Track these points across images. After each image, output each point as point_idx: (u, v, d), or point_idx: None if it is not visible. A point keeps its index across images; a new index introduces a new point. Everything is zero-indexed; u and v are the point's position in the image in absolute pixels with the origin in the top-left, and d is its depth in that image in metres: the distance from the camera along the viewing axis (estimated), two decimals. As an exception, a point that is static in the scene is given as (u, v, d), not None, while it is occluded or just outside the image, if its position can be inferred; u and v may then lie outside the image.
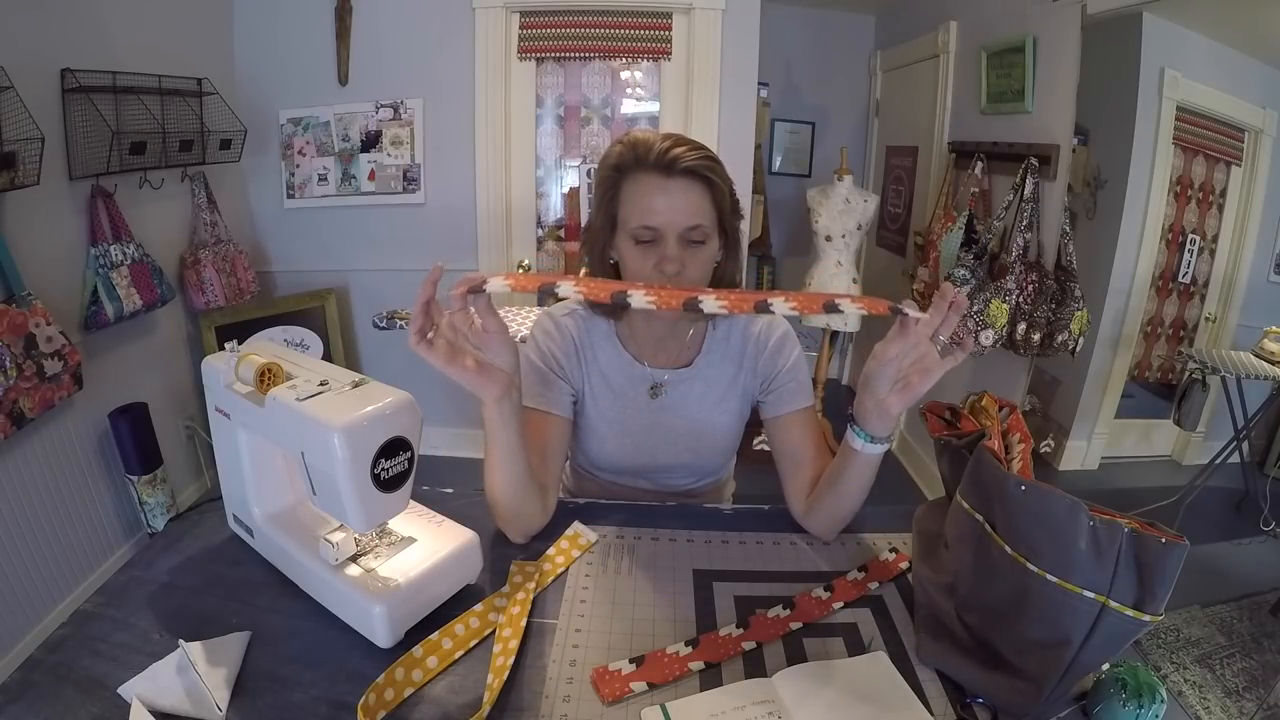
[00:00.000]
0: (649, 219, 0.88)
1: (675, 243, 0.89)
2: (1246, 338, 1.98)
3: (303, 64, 2.57)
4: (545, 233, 2.87)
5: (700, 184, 0.89)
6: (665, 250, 0.89)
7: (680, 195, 0.88)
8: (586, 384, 1.06)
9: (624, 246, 0.92)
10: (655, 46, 2.58)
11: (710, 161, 0.89)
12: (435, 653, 0.72)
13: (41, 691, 0.67)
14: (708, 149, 0.90)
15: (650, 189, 0.88)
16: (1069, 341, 1.99)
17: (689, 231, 0.89)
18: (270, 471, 0.87)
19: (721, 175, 0.91)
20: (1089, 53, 1.96)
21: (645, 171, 0.88)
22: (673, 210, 0.88)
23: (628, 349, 1.05)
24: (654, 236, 0.89)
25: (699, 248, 0.91)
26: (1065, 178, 2.04)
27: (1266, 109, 1.87)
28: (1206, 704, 1.61)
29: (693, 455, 1.08)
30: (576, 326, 1.05)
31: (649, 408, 1.05)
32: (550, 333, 1.05)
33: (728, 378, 1.06)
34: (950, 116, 2.77)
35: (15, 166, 1.59)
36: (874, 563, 0.91)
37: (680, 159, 0.87)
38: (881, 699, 0.68)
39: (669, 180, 0.87)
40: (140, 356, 2.21)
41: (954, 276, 2.21)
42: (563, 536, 0.93)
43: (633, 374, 1.05)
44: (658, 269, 0.89)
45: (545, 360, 1.03)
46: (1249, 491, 2.04)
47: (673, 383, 1.05)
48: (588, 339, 1.06)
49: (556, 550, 0.91)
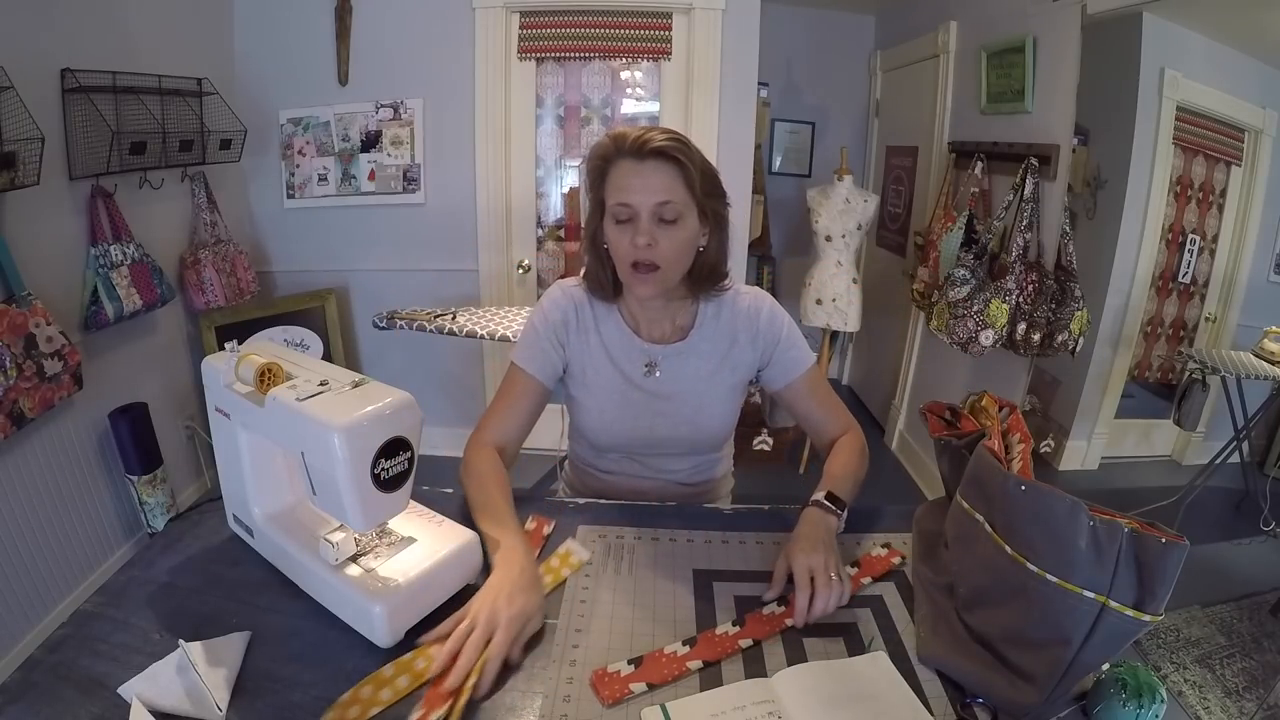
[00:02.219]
0: (624, 196, 0.97)
1: (648, 219, 0.96)
2: (1246, 338, 1.98)
3: (303, 64, 2.57)
4: (545, 233, 2.87)
5: (670, 164, 0.96)
6: (639, 226, 0.96)
7: (652, 175, 0.96)
8: (587, 352, 1.10)
9: (608, 228, 1.00)
10: (655, 46, 2.58)
11: (678, 143, 0.97)
12: (407, 672, 0.70)
13: (41, 691, 0.67)
14: (679, 134, 0.98)
15: (627, 171, 0.97)
16: (1069, 341, 1.99)
17: (660, 208, 0.96)
18: (270, 471, 0.87)
19: (689, 155, 0.98)
20: (1089, 53, 1.95)
21: (624, 157, 0.97)
22: (645, 188, 0.96)
23: (627, 323, 1.11)
24: (630, 215, 0.97)
25: (672, 227, 0.97)
26: (1065, 178, 2.04)
27: (1266, 109, 1.87)
28: (1206, 704, 1.61)
29: (690, 428, 1.11)
30: (584, 296, 1.12)
31: (645, 382, 1.10)
32: (559, 302, 1.11)
33: (720, 353, 1.10)
34: (950, 116, 2.77)
35: (15, 166, 1.59)
36: (865, 559, 0.91)
37: (650, 142, 0.95)
38: (881, 699, 0.68)
39: (642, 163, 0.96)
40: (140, 356, 2.21)
41: (954, 276, 2.21)
42: (554, 554, 0.89)
43: (630, 347, 1.10)
44: (632, 244, 0.96)
45: (549, 327, 1.09)
46: (1249, 491, 2.04)
47: (667, 357, 1.10)
48: (593, 311, 1.11)
49: (545, 569, 0.87)
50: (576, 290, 1.12)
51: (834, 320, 2.83)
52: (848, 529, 0.97)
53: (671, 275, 1.00)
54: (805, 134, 3.75)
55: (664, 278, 0.99)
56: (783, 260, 3.84)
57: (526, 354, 1.09)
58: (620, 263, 1.00)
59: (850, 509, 0.97)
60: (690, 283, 1.06)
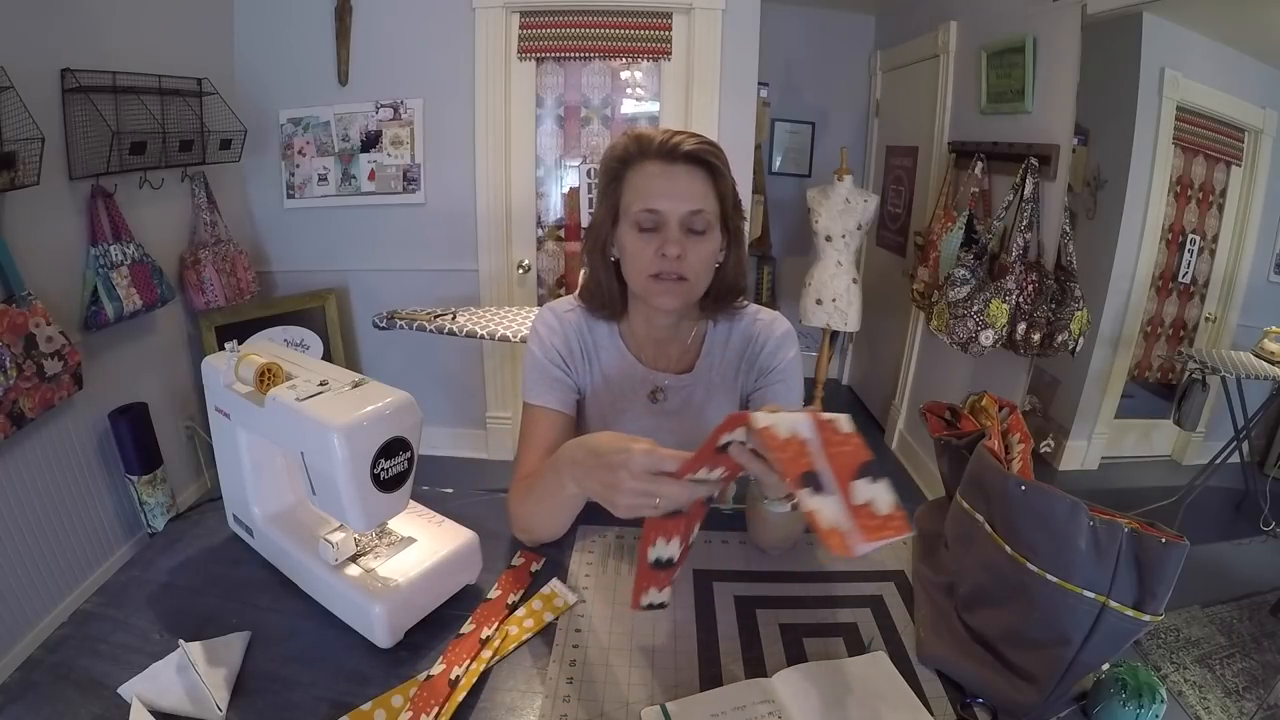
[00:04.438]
0: (652, 202, 0.89)
1: (677, 227, 0.89)
2: (1246, 338, 1.98)
3: (303, 64, 2.58)
4: (545, 233, 2.87)
5: (703, 170, 0.90)
6: (667, 234, 0.89)
7: (683, 180, 0.89)
8: (589, 380, 1.05)
9: (626, 236, 0.93)
10: (655, 46, 2.58)
11: (713, 148, 0.91)
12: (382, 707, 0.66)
13: (41, 691, 0.67)
14: (711, 139, 0.92)
15: (654, 175, 0.89)
16: (1069, 341, 1.99)
17: (691, 217, 0.89)
18: (270, 471, 0.87)
19: (725, 162, 0.92)
20: (1089, 53, 1.95)
21: (649, 159, 0.90)
22: (675, 194, 0.89)
23: (629, 349, 1.05)
24: (656, 222, 0.90)
25: (700, 238, 0.91)
26: (1065, 178, 2.04)
27: (1266, 109, 1.87)
28: (1206, 704, 1.61)
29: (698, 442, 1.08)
30: (579, 322, 1.05)
31: (649, 411, 1.04)
32: (554, 327, 1.04)
33: (728, 381, 1.05)
34: (950, 116, 2.77)
35: (15, 166, 1.59)
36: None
37: (682, 144, 0.89)
38: (881, 699, 0.68)
39: (672, 166, 0.89)
40: (140, 356, 2.21)
41: (954, 276, 2.21)
42: (537, 595, 0.82)
43: (633, 375, 1.04)
44: (659, 254, 0.89)
45: (549, 355, 1.02)
46: (1249, 491, 2.04)
47: (674, 389, 1.04)
48: (590, 336, 1.05)
49: (527, 611, 0.79)
50: (568, 315, 1.05)
51: (834, 320, 2.83)
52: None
53: (696, 289, 0.94)
54: (805, 134, 3.75)
55: (690, 290, 0.93)
56: (783, 260, 3.84)
57: (537, 389, 1.01)
58: (638, 274, 0.93)
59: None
60: (706, 300, 1.00)
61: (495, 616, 0.78)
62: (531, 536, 0.91)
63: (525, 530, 0.91)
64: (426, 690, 0.67)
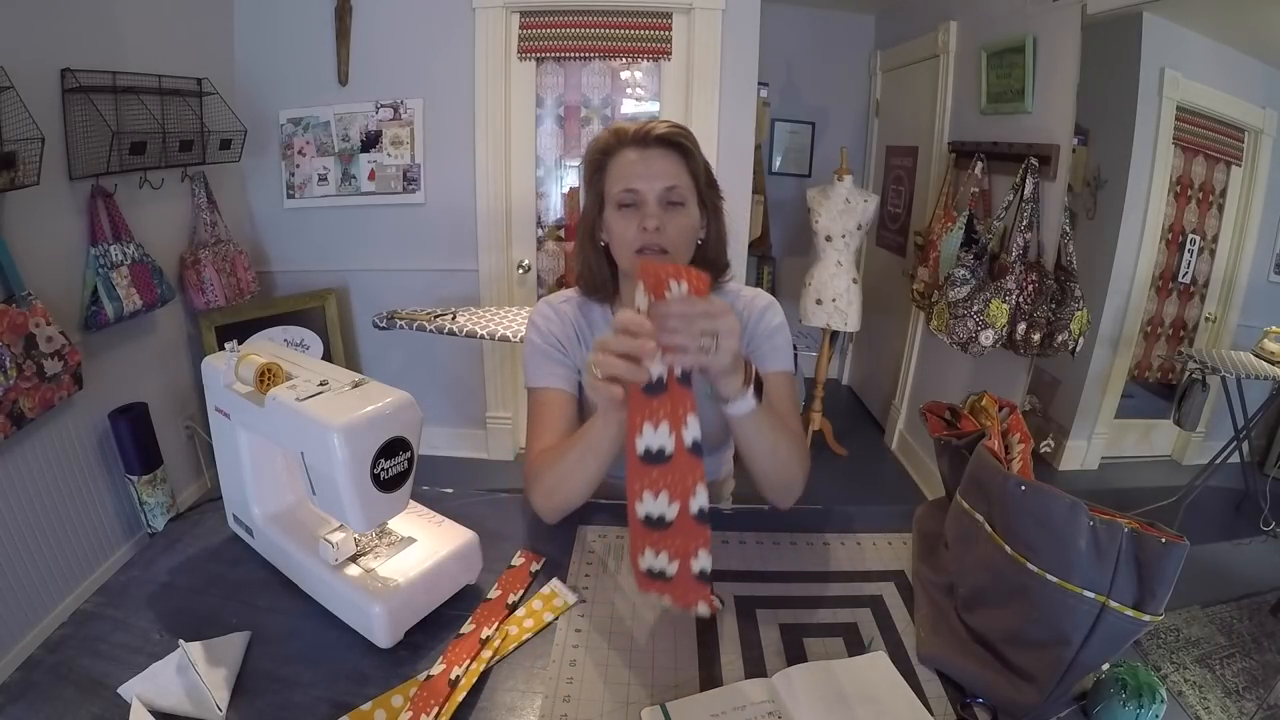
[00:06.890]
0: (631, 183, 0.97)
1: (655, 202, 0.97)
2: (1246, 338, 1.98)
3: (303, 64, 2.57)
4: (545, 233, 2.87)
5: (674, 151, 0.98)
6: (646, 209, 0.97)
7: (658, 161, 0.97)
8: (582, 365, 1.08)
9: (611, 217, 1.00)
10: (655, 46, 2.58)
11: (683, 131, 0.99)
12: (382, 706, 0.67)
13: (41, 691, 0.67)
14: (681, 124, 1.00)
15: (632, 160, 0.98)
16: (1069, 341, 1.99)
17: (666, 192, 0.97)
18: (270, 471, 0.87)
19: (695, 144, 1.00)
20: (1089, 53, 1.95)
21: (627, 147, 0.99)
22: (651, 174, 0.97)
23: None
24: (635, 199, 0.97)
25: (678, 209, 0.98)
26: (1065, 178, 2.04)
27: (1266, 109, 1.87)
28: (1206, 704, 1.61)
29: None
30: (574, 312, 1.10)
31: None
32: (550, 316, 1.09)
33: None
34: (950, 116, 2.77)
35: (15, 166, 1.59)
36: None
37: (654, 130, 0.98)
38: (881, 699, 0.68)
39: (647, 150, 0.98)
40: (140, 356, 2.21)
41: (954, 276, 2.21)
42: (536, 595, 0.82)
43: None
44: (640, 228, 0.96)
45: (547, 341, 1.07)
46: (1249, 491, 2.04)
47: None
48: (585, 324, 1.10)
49: (527, 611, 0.80)
50: (564, 305, 1.11)
51: (834, 320, 2.83)
52: (849, 530, 0.97)
53: (679, 260, 0.99)
54: (805, 134, 3.75)
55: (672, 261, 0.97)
56: (783, 260, 3.84)
57: (540, 373, 1.06)
58: (624, 251, 0.99)
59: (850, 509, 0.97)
60: None
61: (495, 616, 0.78)
62: (554, 502, 0.94)
63: (549, 494, 0.93)
64: (426, 690, 0.67)
